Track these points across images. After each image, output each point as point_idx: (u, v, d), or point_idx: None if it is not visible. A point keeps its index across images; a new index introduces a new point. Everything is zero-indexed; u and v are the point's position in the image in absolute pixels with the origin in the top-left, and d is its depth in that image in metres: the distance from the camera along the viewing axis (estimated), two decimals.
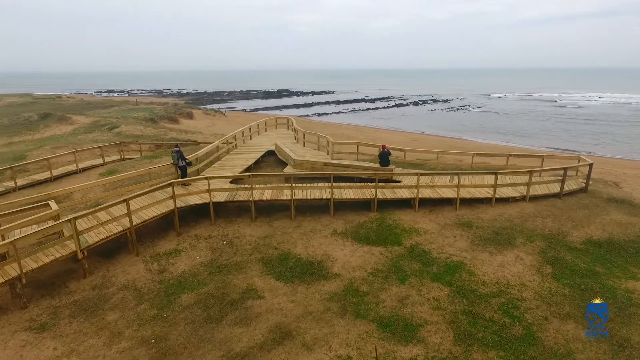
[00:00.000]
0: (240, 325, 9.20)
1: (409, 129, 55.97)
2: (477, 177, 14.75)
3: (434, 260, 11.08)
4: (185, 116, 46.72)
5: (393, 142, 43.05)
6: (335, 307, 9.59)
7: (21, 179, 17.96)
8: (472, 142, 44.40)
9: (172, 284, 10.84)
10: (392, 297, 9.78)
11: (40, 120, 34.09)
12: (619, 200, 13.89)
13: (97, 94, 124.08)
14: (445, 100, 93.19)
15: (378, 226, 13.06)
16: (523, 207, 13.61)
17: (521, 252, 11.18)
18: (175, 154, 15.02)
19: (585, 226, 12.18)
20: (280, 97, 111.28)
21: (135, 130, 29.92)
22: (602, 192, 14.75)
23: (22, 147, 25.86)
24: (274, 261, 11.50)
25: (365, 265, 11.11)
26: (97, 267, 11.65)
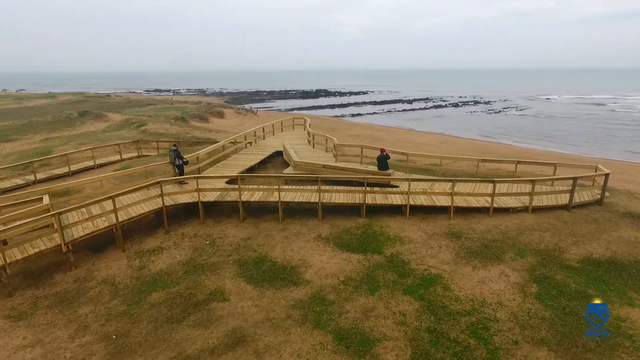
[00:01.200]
0: (199, 327, 9.18)
1: (443, 131, 54.42)
2: (475, 185, 13.88)
3: (411, 272, 10.52)
4: (216, 115, 47.93)
5: (421, 145, 42.14)
6: (297, 315, 9.34)
7: (42, 173, 19.08)
8: (504, 146, 42.35)
9: (148, 281, 11.03)
10: (357, 309, 9.37)
11: (79, 117, 36.22)
12: (636, 215, 12.55)
13: (145, 92, 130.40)
14: (487, 102, 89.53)
15: (363, 233, 12.63)
16: (523, 218, 12.64)
17: (508, 267, 10.36)
18: (172, 152, 15.35)
19: (587, 243, 11.09)
20: (317, 97, 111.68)
21: (160, 129, 31.01)
22: (619, 205, 13.41)
23: (56, 142, 27.54)
24: (249, 264, 11.41)
25: (339, 273, 10.75)
26: (85, 260, 12.09)
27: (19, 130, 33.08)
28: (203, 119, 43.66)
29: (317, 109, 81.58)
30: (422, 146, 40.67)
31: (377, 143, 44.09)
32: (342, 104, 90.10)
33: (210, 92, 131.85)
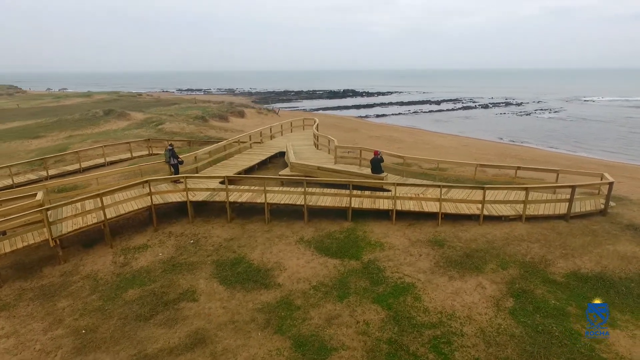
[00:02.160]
0: (164, 326, 9.28)
1: (468, 133, 53.07)
2: (465, 191, 13.33)
3: (385, 280, 10.22)
4: (237, 115, 48.62)
5: (440, 147, 41.19)
6: (261, 319, 9.27)
7: (54, 169, 19.95)
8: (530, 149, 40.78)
9: (127, 278, 11.27)
10: (321, 315, 9.20)
11: (103, 116, 37.70)
12: (639, 228, 11.67)
13: (177, 91, 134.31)
14: (519, 104, 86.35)
15: (346, 237, 12.40)
16: (514, 228, 12.02)
17: (486, 279, 9.87)
18: (167, 152, 15.66)
19: (578, 256, 10.39)
20: (344, 97, 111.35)
21: (176, 128, 31.77)
22: (624, 216, 12.50)
23: (77, 139, 28.79)
24: (226, 264, 11.45)
25: (312, 278, 10.60)
26: (74, 255, 12.51)
27: (48, 127, 34.81)
28: (223, 118, 44.41)
29: (343, 109, 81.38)
30: (441, 148, 39.73)
31: (396, 144, 43.57)
32: (368, 105, 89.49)
33: (240, 91, 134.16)
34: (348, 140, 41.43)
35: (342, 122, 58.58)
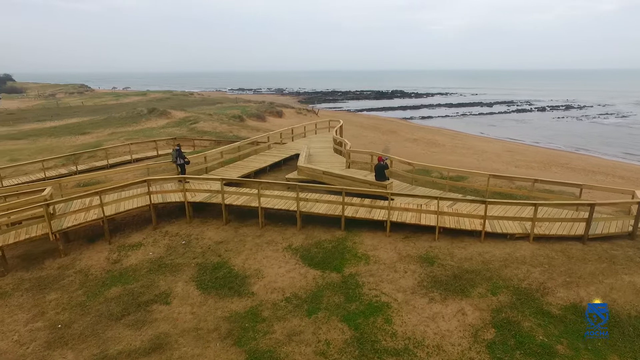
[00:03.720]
0: (132, 327, 9.34)
1: (517, 137, 49.98)
2: (471, 205, 12.22)
3: (360, 297, 9.57)
4: (275, 115, 49.15)
5: (483, 152, 39.02)
6: (225, 329, 9.04)
7: (85, 164, 21.14)
8: (583, 157, 37.51)
9: (114, 275, 11.54)
10: (284, 330, 8.79)
11: (147, 114, 39.61)
12: None
13: (229, 91, 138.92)
14: (581, 107, 79.85)
15: (334, 247, 11.85)
16: (518, 248, 10.80)
17: (470, 305, 8.91)
18: (174, 152, 15.94)
19: (583, 286, 9.08)
20: (392, 98, 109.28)
21: (209, 127, 32.58)
22: None
23: (118, 136, 30.43)
24: (208, 268, 11.36)
25: (287, 289, 10.21)
26: (76, 249, 13.04)
27: (96, 124, 37.21)
28: (260, 118, 45.06)
29: (387, 111, 79.90)
30: (481, 154, 37.67)
31: (435, 148, 41.86)
32: (415, 106, 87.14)
33: (288, 91, 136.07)
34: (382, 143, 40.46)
35: (383, 124, 57.35)
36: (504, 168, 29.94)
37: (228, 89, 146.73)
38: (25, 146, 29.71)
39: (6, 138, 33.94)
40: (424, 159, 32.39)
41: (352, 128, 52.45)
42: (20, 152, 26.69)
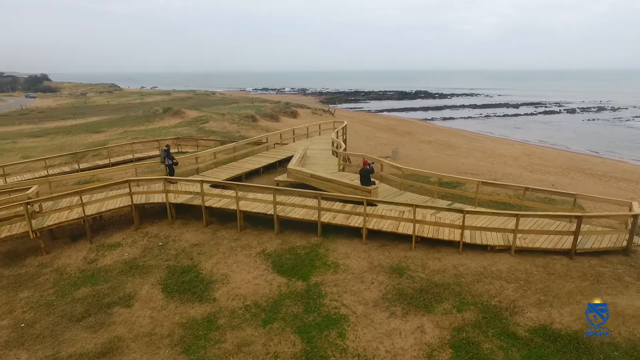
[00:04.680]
0: (89, 330, 9.28)
1: (541, 140, 48.28)
2: (448, 214, 11.58)
3: (320, 308, 9.18)
4: (289, 115, 49.08)
5: (500, 155, 37.73)
6: (178, 335, 8.85)
7: (88, 162, 21.60)
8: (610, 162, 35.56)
9: (87, 275, 11.58)
10: (235, 340, 8.51)
11: (162, 113, 40.35)
12: None
13: (253, 91, 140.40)
14: (615, 109, 76.08)
15: (306, 254, 11.49)
16: (497, 261, 10.11)
17: (431, 322, 8.36)
18: (163, 152, 15.97)
19: (558, 306, 8.35)
20: (415, 98, 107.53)
21: (217, 127, 32.78)
22: None
23: (129, 135, 31.03)
24: (177, 271, 11.23)
25: (249, 296, 9.93)
26: (58, 248, 13.19)
27: (112, 123, 38.19)
28: (274, 118, 45.08)
29: (409, 111, 78.67)
30: (497, 157, 36.40)
31: (450, 151, 40.74)
32: (438, 107, 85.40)
33: (311, 91, 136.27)
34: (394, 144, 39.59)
35: (400, 125, 56.34)
36: (517, 173, 28.69)
37: (252, 89, 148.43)
38: (41, 143, 30.78)
39: (28, 135, 35.30)
40: (435, 161, 31.51)
41: (367, 129, 51.80)
42: (34, 149, 27.65)
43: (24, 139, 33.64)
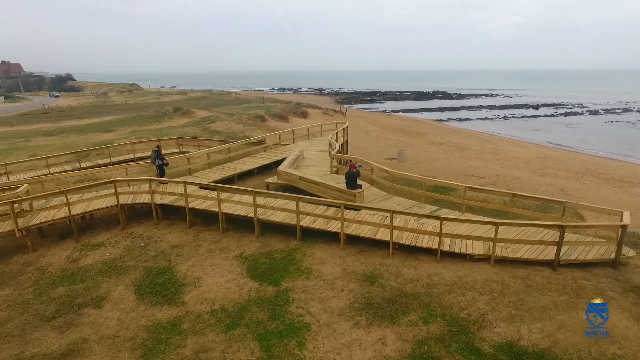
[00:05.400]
0: (57, 330, 9.33)
1: (558, 142, 46.90)
2: (426, 220, 11.17)
3: (284, 315, 8.96)
4: (299, 115, 49.01)
5: (513, 158, 36.78)
6: (141, 338, 8.81)
7: (90, 161, 21.98)
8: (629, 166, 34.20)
9: (67, 274, 11.69)
10: (195, 346, 8.39)
11: (172, 113, 40.88)
12: None
13: (270, 90, 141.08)
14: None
15: (282, 258, 11.30)
16: (474, 271, 9.68)
17: (394, 334, 8.03)
18: (153, 153, 16.04)
19: (529, 321, 7.89)
20: (432, 99, 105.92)
21: (223, 127, 32.92)
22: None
23: (137, 134, 31.47)
24: (152, 273, 11.22)
25: (218, 300, 9.81)
26: (45, 246, 13.39)
27: (123, 122, 38.88)
28: (283, 118, 45.08)
29: (424, 112, 77.64)
30: (509, 159, 35.44)
31: (459, 153, 39.88)
32: (454, 107, 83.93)
33: (327, 91, 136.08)
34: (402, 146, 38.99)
35: (413, 126, 55.55)
36: (526, 176, 27.82)
37: (269, 89, 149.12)
38: (52, 142, 31.54)
39: (42, 134, 36.27)
40: (442, 164, 30.83)
41: (378, 130, 51.27)
42: (43, 147, 28.35)
43: (38, 138, 34.57)
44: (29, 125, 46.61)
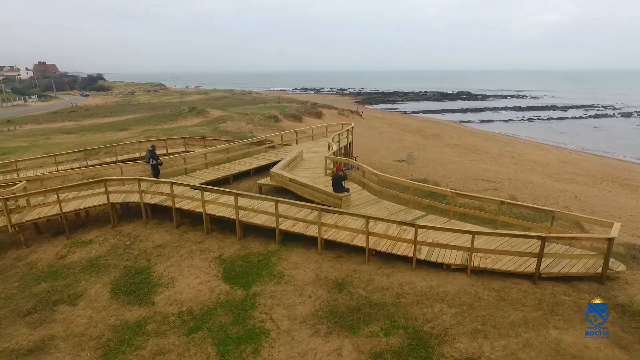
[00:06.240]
0: (30, 326, 9.51)
1: (583, 146, 45.11)
2: (395, 227, 10.80)
3: (247, 320, 8.83)
4: (314, 115, 48.93)
5: (531, 161, 35.65)
6: (105, 338, 8.87)
7: (96, 159, 22.58)
8: None
9: (52, 270, 11.95)
10: (155, 347, 8.37)
11: (187, 112, 41.57)
12: (637, 313, 7.90)
13: (293, 90, 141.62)
14: None
15: (259, 261, 11.18)
16: (449, 281, 9.26)
17: (352, 345, 7.75)
18: (148, 153, 16.27)
19: (493, 338, 7.44)
20: (455, 100, 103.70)
21: (233, 127, 33.20)
22: (626, 290, 8.65)
23: (149, 133, 32.16)
24: (130, 272, 11.32)
25: (187, 302, 9.78)
26: (38, 242, 13.77)
27: (139, 121, 39.83)
28: (297, 118, 45.11)
29: (446, 113, 76.21)
30: (526, 163, 34.30)
31: (474, 156, 38.89)
32: (478, 109, 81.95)
33: (349, 91, 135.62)
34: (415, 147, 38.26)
35: (430, 127, 54.49)
36: (540, 181, 26.75)
37: (291, 89, 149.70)
38: (70, 140, 32.65)
39: (62, 132, 37.65)
40: (453, 167, 29.99)
41: (394, 131, 50.55)
42: (58, 145, 29.34)
43: (59, 135, 35.90)
44: (54, 123, 48.47)
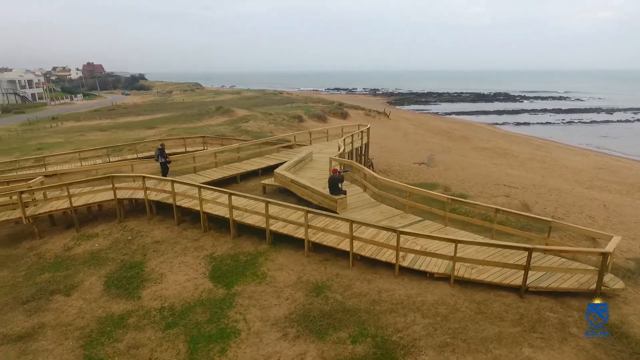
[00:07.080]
0: (26, 314, 10.03)
1: (627, 152, 42.66)
2: (377, 232, 10.49)
3: (221, 319, 8.91)
4: (339, 116, 48.77)
5: (564, 167, 34.17)
6: (89, 329, 9.24)
7: (119, 156, 23.58)
8: None
9: (57, 261, 12.58)
10: (132, 341, 8.63)
11: (214, 112, 42.58)
12: (625, 335, 7.30)
13: (326, 91, 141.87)
14: None
15: (246, 261, 11.27)
16: (430, 290, 8.94)
17: (317, 350, 7.63)
18: (157, 151, 16.78)
19: (461, 353, 7.08)
20: (492, 101, 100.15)
21: (255, 126, 33.64)
22: (621, 309, 8.02)
23: (176, 131, 33.16)
24: (125, 267, 11.72)
25: (170, 298, 10.01)
26: (52, 233, 14.53)
27: (167, 120, 41.21)
28: (321, 118, 45.11)
29: (479, 115, 74.01)
30: (557, 169, 32.84)
31: (501, 160, 37.59)
32: (514, 110, 78.98)
33: (382, 92, 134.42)
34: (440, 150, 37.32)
35: (460, 129, 52.98)
36: (568, 188, 25.43)
37: (324, 89, 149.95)
38: (101, 137, 34.24)
39: (96, 129, 39.57)
40: (476, 170, 29.05)
41: (421, 132, 49.56)
42: (89, 142, 30.88)
43: (92, 132, 37.78)
44: (92, 121, 51.01)
